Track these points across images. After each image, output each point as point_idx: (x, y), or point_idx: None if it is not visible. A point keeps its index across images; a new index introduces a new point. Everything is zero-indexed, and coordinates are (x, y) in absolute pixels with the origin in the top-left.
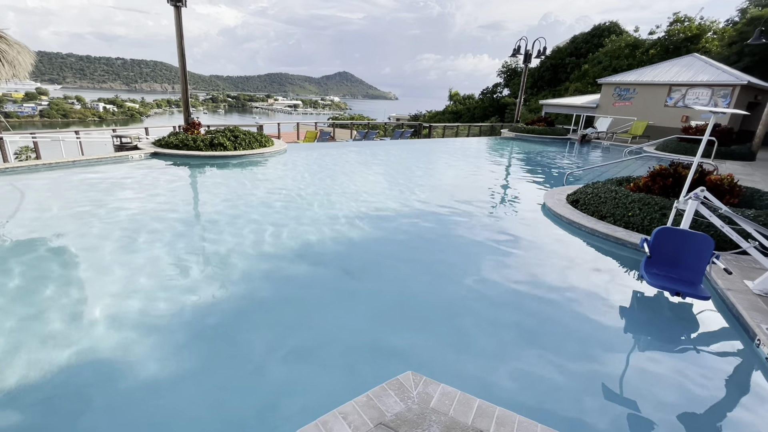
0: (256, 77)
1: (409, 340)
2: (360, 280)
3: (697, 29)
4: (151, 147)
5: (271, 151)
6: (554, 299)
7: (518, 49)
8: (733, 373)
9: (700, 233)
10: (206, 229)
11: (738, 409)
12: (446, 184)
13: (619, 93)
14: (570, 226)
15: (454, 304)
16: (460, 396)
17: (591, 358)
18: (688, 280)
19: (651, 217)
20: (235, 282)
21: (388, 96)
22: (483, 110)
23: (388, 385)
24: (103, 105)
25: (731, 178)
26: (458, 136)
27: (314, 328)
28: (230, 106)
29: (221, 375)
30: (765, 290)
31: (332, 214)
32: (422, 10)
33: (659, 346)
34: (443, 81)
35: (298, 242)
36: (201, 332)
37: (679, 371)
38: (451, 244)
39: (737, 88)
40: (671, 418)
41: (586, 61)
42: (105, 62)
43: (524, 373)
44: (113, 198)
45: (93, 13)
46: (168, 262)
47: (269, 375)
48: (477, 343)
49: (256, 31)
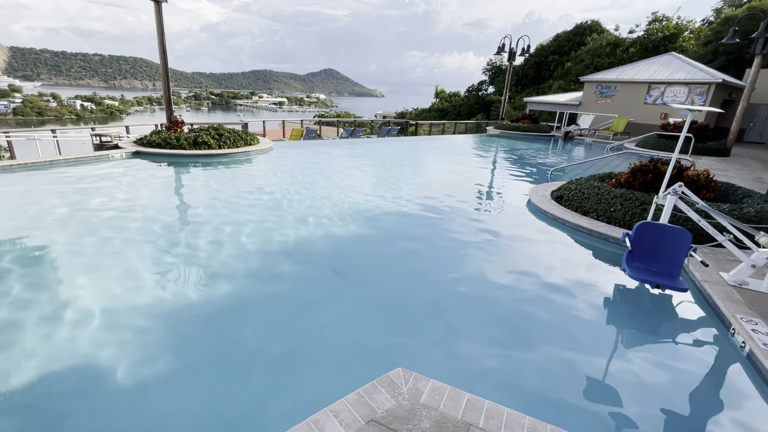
0: (240, 74)
1: (399, 337)
2: (349, 278)
3: (675, 29)
4: (132, 146)
5: (257, 149)
6: (540, 294)
7: (503, 47)
8: (710, 361)
9: (678, 227)
10: (191, 229)
11: (714, 395)
12: (433, 181)
13: (600, 91)
14: (555, 221)
15: (442, 300)
16: (450, 391)
17: (576, 351)
18: (668, 273)
19: (632, 212)
20: (222, 282)
21: (375, 93)
22: (469, 107)
23: (378, 382)
24: (81, 102)
25: (707, 173)
26: (444, 133)
27: (304, 327)
28: (214, 103)
29: (210, 376)
30: (739, 281)
31: (320, 212)
32: (408, 8)
33: (641, 337)
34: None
35: (286, 241)
36: (188, 333)
37: (660, 360)
38: (439, 241)
39: (713, 86)
40: (652, 406)
41: (569, 59)
42: (82, 58)
43: (512, 367)
44: (94, 199)
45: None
46: (152, 263)
47: (259, 375)
48: (465, 339)
49: (240, 27)
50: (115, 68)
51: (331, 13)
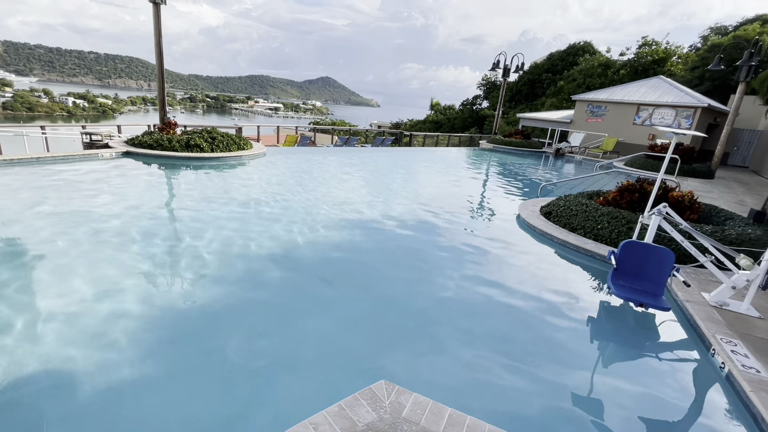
0: (237, 78)
1: (384, 349)
2: (336, 288)
3: (663, 53)
4: (123, 146)
5: (250, 154)
6: (526, 309)
7: (498, 63)
8: (691, 381)
9: (662, 247)
10: (177, 232)
11: (694, 416)
12: (425, 192)
13: (591, 110)
14: (543, 237)
15: (428, 312)
16: (432, 405)
17: (560, 367)
18: (651, 292)
19: (618, 230)
20: (206, 287)
21: (371, 103)
22: (463, 121)
23: (360, 394)
24: (73, 100)
25: (691, 195)
26: (438, 145)
27: (287, 336)
28: (209, 106)
29: (189, 384)
30: (720, 302)
31: (310, 219)
32: (406, 21)
33: (624, 355)
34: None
35: (274, 248)
36: (168, 339)
37: (642, 379)
38: (428, 252)
39: (699, 110)
40: (633, 425)
41: (561, 77)
42: (77, 55)
43: (495, 383)
44: (80, 198)
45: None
46: (133, 266)
47: (240, 384)
48: (450, 352)
49: (239, 32)
50: (110, 67)
51: (330, 23)
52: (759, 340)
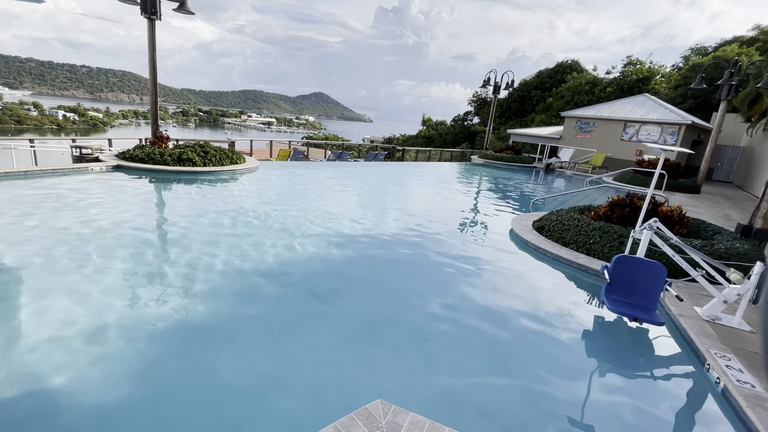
0: (230, 93)
1: (379, 366)
2: (329, 303)
3: (647, 72)
4: (114, 159)
5: (243, 168)
6: (521, 324)
7: (488, 80)
8: (687, 397)
9: (654, 261)
10: (168, 248)
11: (688, 431)
12: (418, 207)
13: (580, 126)
14: (536, 251)
15: (423, 328)
16: (429, 425)
17: (555, 384)
18: (645, 306)
19: (610, 244)
20: (196, 304)
21: (363, 118)
22: (454, 136)
23: (356, 414)
24: (63, 113)
25: (680, 209)
26: (431, 160)
27: (280, 354)
28: (201, 120)
29: (178, 404)
30: (712, 316)
31: (303, 235)
32: (398, 38)
33: (619, 371)
34: (417, 106)
35: (267, 263)
36: (156, 358)
37: (636, 395)
38: (422, 267)
39: (683, 126)
40: None
41: (550, 94)
42: (68, 69)
43: (492, 399)
44: (68, 213)
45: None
46: (122, 282)
47: (230, 403)
48: (446, 369)
49: (233, 47)
50: (102, 80)
51: (323, 39)
52: (752, 354)
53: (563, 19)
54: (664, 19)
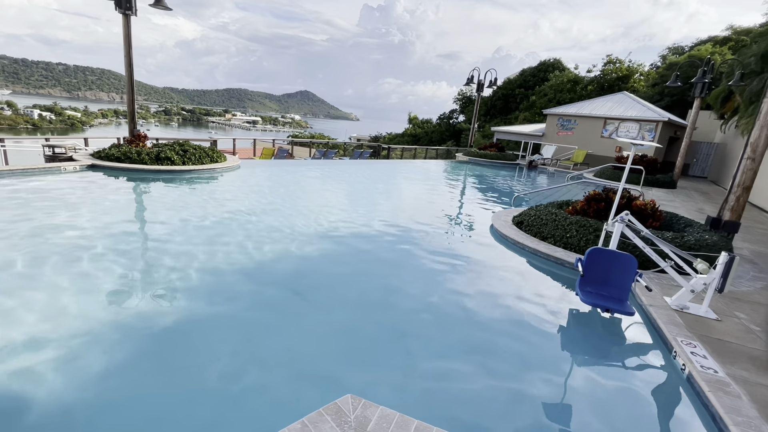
0: (214, 91)
1: (357, 362)
2: (309, 301)
3: (627, 70)
4: (88, 159)
5: (223, 167)
6: (498, 318)
7: (472, 78)
8: (655, 383)
9: (625, 253)
10: (143, 247)
11: (658, 417)
12: (401, 204)
13: (562, 123)
14: (515, 246)
15: (402, 324)
16: (399, 418)
17: (530, 376)
18: (617, 297)
19: (586, 238)
20: (171, 304)
21: (350, 117)
22: (440, 134)
23: (325, 409)
24: (39, 112)
25: (653, 203)
26: (416, 158)
27: (257, 351)
28: (184, 119)
29: (151, 406)
30: (680, 306)
31: (284, 233)
32: (384, 37)
33: (592, 360)
34: (404, 105)
35: (247, 261)
36: (129, 359)
37: (608, 383)
38: (402, 264)
39: (660, 123)
40: (598, 428)
41: (533, 92)
42: (44, 67)
43: (467, 394)
44: (38, 213)
45: (34, 15)
46: (93, 283)
47: (204, 404)
48: (423, 364)
49: (216, 45)
50: (80, 79)
51: (309, 38)
52: (716, 341)
53: (546, 19)
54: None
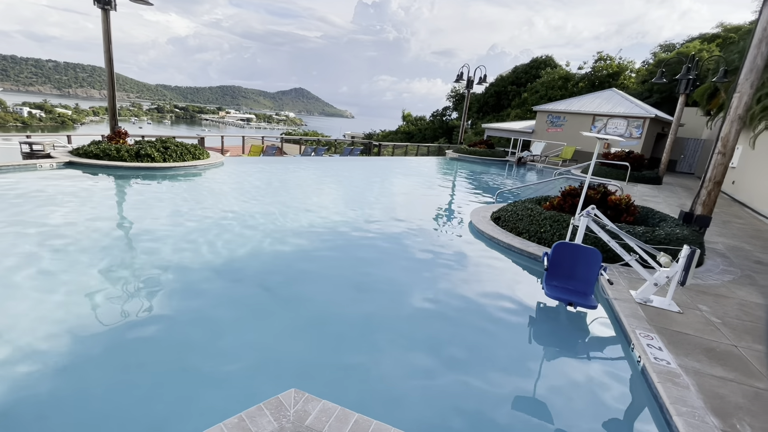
0: (207, 89)
1: (321, 359)
2: (280, 296)
3: (617, 67)
4: (66, 156)
5: (205, 163)
6: (468, 313)
7: (461, 75)
8: (612, 376)
9: (590, 247)
10: (109, 244)
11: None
12: (383, 201)
13: (551, 120)
14: (490, 241)
15: (372, 319)
16: (339, 412)
17: (494, 370)
18: (582, 291)
19: (560, 233)
20: (137, 300)
21: (345, 114)
22: (433, 131)
23: (266, 404)
24: (28, 110)
25: (628, 198)
26: (408, 155)
27: (220, 347)
28: (177, 117)
29: (105, 402)
30: (644, 299)
31: (259, 228)
32: (379, 34)
33: (557, 354)
34: (398, 102)
35: (218, 257)
36: (88, 356)
37: (570, 376)
38: (377, 259)
39: (647, 120)
40: (553, 421)
41: (525, 89)
42: (33, 64)
43: (432, 389)
44: (9, 211)
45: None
46: (57, 278)
47: (160, 401)
48: (390, 359)
49: (209, 42)
50: (70, 76)
51: (303, 34)
52: (675, 333)
53: (541, 16)
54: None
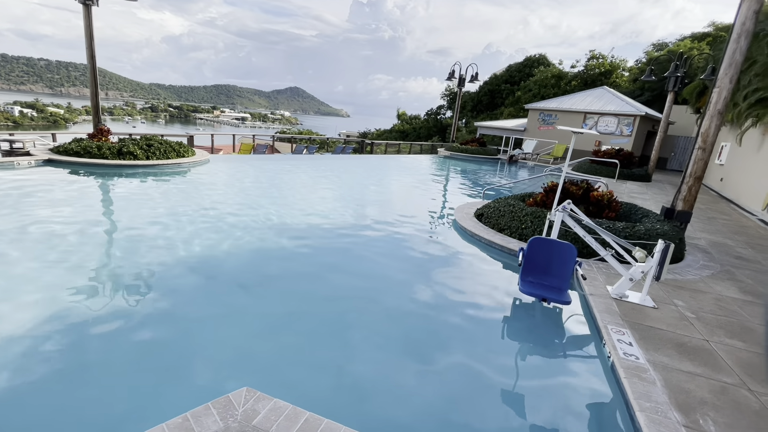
0: (202, 88)
1: (289, 356)
2: (254, 294)
3: (609, 66)
4: (46, 153)
5: (190, 161)
6: (444, 310)
7: (453, 73)
8: (583, 371)
9: (565, 242)
10: (79, 241)
11: (580, 406)
12: (369, 198)
13: (543, 118)
14: (472, 238)
15: (346, 317)
16: (290, 410)
17: (468, 367)
18: (557, 287)
19: (541, 228)
20: (107, 299)
21: (341, 113)
22: (428, 130)
23: (214, 403)
24: (20, 109)
25: (611, 194)
26: (400, 153)
27: (187, 346)
28: (172, 116)
29: (58, 401)
30: (620, 294)
31: (238, 226)
32: (374, 33)
33: (531, 350)
34: (394, 101)
35: (194, 254)
36: (45, 355)
37: (542, 371)
38: (357, 256)
39: (637, 118)
40: (523, 419)
41: (519, 88)
42: (25, 62)
43: (401, 388)
44: None
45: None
46: (24, 276)
47: (120, 399)
48: (361, 358)
49: (204, 41)
50: (63, 74)
51: (298, 33)
52: (648, 328)
53: (536, 15)
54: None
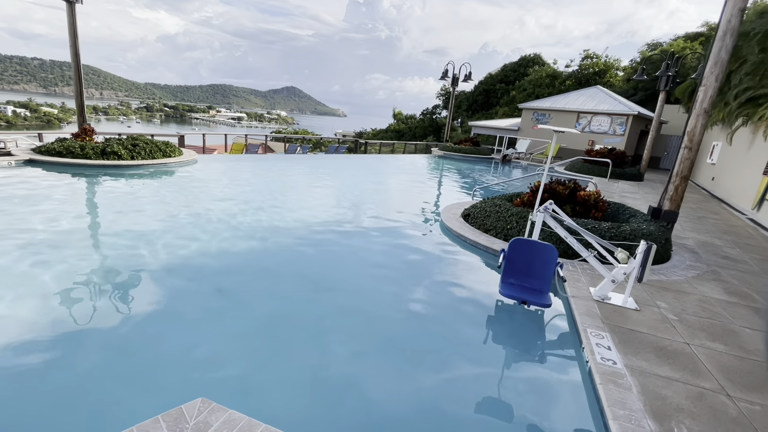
0: (198, 87)
1: (260, 363)
2: (232, 298)
3: (604, 65)
4: (27, 154)
5: (177, 161)
6: (423, 313)
7: (446, 72)
8: (561, 375)
9: (546, 243)
10: (53, 244)
11: (556, 412)
12: (359, 198)
13: (537, 117)
14: (458, 239)
15: (325, 321)
16: (245, 423)
17: (441, 373)
18: (538, 289)
19: (526, 229)
20: (81, 303)
21: (337, 113)
22: (423, 129)
23: (164, 415)
24: (13, 108)
25: (598, 194)
26: (395, 152)
27: (156, 353)
28: (167, 116)
29: (13, 409)
30: (602, 296)
31: (217, 227)
32: (371, 32)
33: (510, 354)
34: (391, 101)
35: (173, 256)
36: (5, 358)
37: (520, 375)
38: (342, 258)
39: (630, 117)
40: (493, 425)
41: (513, 87)
42: (18, 62)
43: (377, 393)
44: None
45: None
46: None
47: (80, 408)
48: (337, 363)
49: (200, 40)
50: (56, 74)
51: (295, 33)
52: (628, 331)
53: (532, 15)
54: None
